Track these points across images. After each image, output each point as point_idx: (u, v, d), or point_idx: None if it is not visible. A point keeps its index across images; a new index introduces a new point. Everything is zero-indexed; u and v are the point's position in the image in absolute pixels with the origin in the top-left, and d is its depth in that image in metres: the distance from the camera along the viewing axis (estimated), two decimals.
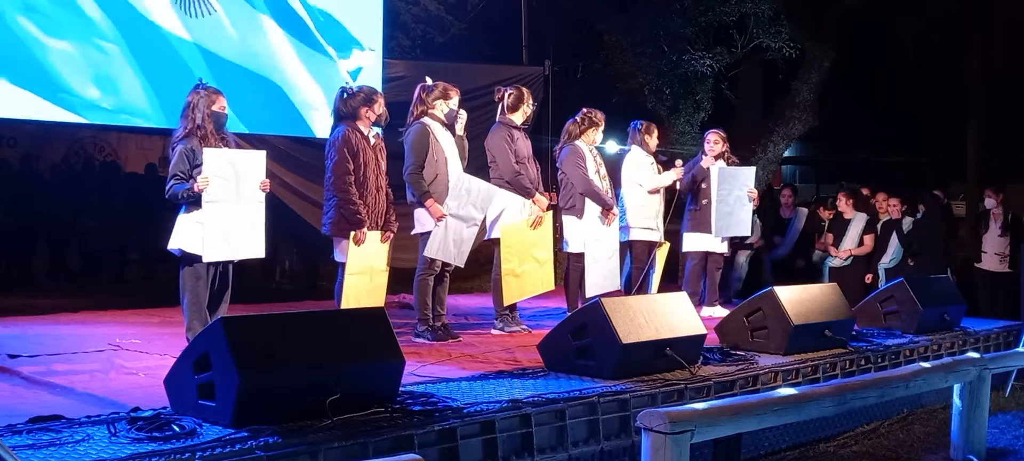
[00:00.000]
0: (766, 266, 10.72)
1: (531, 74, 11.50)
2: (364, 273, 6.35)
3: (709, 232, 8.42)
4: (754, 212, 8.90)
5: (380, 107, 6.51)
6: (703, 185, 8.48)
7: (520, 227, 7.09)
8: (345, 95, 6.47)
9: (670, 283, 8.69)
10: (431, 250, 6.60)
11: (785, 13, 13.01)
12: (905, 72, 18.62)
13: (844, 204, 10.19)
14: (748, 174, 8.64)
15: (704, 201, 8.43)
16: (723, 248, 8.62)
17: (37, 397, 4.70)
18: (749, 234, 9.06)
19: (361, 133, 6.39)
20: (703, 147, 8.69)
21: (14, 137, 13.13)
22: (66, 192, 11.89)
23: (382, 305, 6.39)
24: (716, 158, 8.55)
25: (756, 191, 8.66)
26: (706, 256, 8.53)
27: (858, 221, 10.08)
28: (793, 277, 9.65)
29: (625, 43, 13.33)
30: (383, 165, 6.53)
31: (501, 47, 13.25)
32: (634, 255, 8.18)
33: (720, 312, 8.22)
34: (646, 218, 8.12)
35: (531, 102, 7.31)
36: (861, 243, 10.05)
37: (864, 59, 17.75)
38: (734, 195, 8.47)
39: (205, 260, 5.84)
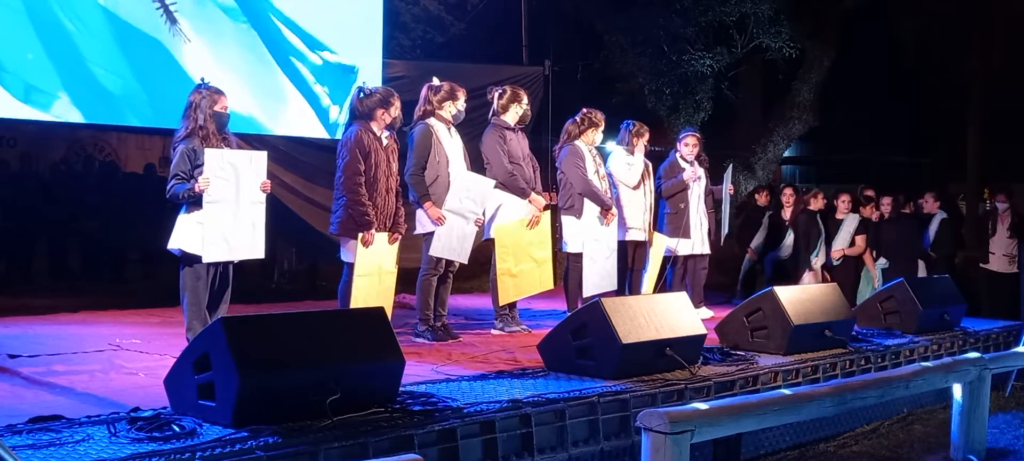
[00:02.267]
0: (765, 267, 10.71)
1: (531, 74, 11.49)
2: (372, 274, 6.33)
3: (688, 237, 8.36)
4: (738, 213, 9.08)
5: (396, 110, 6.46)
6: (683, 189, 8.37)
7: (514, 227, 7.08)
8: (361, 95, 6.43)
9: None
10: (437, 249, 6.60)
11: (785, 13, 13.03)
12: (905, 72, 18.62)
13: (843, 205, 10.17)
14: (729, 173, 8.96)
15: (681, 205, 8.35)
16: (705, 249, 8.57)
17: (37, 397, 4.70)
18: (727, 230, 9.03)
19: (374, 134, 6.36)
20: (680, 150, 8.52)
21: (14, 137, 13.12)
22: (65, 192, 11.86)
23: (390, 306, 6.40)
24: (693, 160, 8.47)
25: (734, 187, 8.89)
26: (686, 258, 8.49)
27: (850, 222, 10.04)
28: (789, 278, 9.64)
29: (625, 43, 13.35)
30: (395, 166, 6.51)
31: (501, 47, 13.26)
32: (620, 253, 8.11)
33: (704, 314, 8.18)
34: (631, 217, 8.03)
35: (526, 101, 7.24)
36: (852, 243, 10.02)
37: (864, 59, 17.76)
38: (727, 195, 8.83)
39: (205, 261, 5.82)
